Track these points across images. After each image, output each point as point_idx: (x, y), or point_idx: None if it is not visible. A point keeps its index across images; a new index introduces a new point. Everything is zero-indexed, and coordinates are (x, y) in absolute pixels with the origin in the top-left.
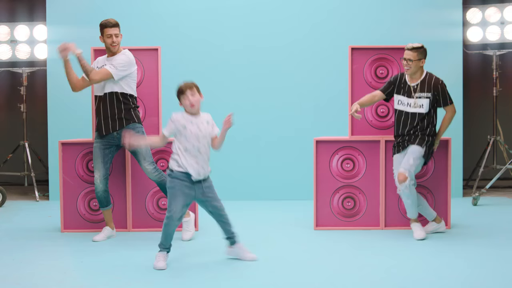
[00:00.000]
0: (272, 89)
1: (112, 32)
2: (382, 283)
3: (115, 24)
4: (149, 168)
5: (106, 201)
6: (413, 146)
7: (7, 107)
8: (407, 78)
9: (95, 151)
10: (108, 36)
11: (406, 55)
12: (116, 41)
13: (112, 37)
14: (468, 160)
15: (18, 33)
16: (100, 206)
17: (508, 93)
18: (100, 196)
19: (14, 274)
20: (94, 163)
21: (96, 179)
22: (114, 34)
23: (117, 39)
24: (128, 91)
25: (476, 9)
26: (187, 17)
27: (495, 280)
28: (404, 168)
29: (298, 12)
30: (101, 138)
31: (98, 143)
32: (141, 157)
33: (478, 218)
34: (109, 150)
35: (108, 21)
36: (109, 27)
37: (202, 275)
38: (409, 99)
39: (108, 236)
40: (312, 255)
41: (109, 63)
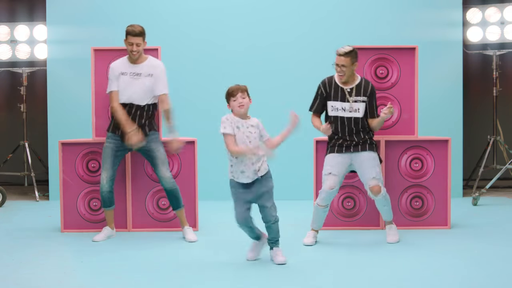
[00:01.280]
0: (272, 88)
1: (134, 41)
2: (382, 283)
3: (138, 33)
4: (168, 175)
5: (110, 202)
6: (369, 153)
7: (7, 107)
8: (338, 82)
9: (106, 151)
10: (130, 44)
11: (338, 61)
12: (136, 50)
13: (133, 45)
14: (468, 160)
15: (18, 33)
16: (103, 206)
17: (508, 93)
18: (104, 196)
19: (14, 274)
20: (103, 163)
21: (103, 179)
22: (136, 43)
23: (138, 48)
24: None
25: (476, 9)
26: (187, 16)
27: (495, 280)
28: (375, 178)
29: (298, 13)
30: (115, 139)
31: (111, 143)
32: (160, 162)
33: (478, 218)
34: (121, 152)
35: (133, 28)
36: (132, 36)
37: (202, 275)
38: (343, 103)
39: (108, 236)
40: (312, 255)
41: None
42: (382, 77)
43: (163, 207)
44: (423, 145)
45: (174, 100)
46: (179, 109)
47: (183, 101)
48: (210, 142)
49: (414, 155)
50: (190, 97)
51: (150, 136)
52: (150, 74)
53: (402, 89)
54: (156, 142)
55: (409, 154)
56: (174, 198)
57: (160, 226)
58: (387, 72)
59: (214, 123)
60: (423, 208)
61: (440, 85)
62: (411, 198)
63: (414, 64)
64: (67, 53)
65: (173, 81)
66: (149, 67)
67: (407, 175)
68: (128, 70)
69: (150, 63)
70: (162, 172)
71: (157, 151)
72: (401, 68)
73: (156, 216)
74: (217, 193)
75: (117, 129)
